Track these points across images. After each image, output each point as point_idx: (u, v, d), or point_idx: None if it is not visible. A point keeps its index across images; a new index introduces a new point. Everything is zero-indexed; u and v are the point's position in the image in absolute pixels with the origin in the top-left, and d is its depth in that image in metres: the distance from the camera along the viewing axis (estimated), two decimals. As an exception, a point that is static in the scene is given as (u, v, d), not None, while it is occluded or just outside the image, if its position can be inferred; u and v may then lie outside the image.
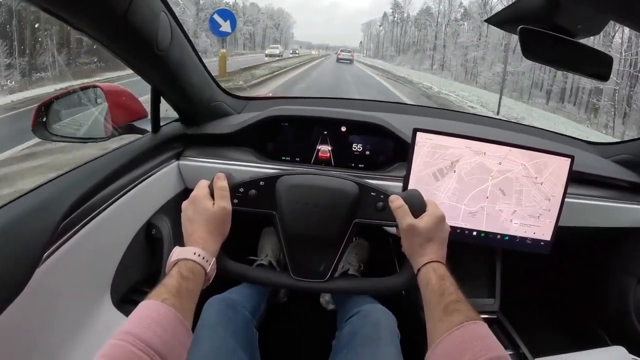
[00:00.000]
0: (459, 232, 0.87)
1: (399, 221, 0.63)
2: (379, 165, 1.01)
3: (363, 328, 0.80)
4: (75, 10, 0.55)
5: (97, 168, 0.73)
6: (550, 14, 0.69)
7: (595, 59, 0.74)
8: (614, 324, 1.14)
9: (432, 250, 0.61)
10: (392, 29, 61.67)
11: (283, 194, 0.67)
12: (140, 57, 0.74)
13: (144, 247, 0.88)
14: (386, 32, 64.06)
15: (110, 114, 0.94)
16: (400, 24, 59.08)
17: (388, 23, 63.76)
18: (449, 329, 0.49)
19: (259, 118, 0.99)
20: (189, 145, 1.02)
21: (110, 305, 0.75)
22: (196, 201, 0.62)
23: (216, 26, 8.98)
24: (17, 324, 0.54)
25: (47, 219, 0.58)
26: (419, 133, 0.85)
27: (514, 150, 0.85)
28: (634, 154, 1.13)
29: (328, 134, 1.00)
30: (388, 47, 62.30)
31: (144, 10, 0.64)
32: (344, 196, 0.67)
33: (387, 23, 64.31)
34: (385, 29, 64.32)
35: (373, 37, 71.48)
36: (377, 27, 69.09)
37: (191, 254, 0.56)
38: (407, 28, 56.76)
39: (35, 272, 0.55)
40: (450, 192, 0.86)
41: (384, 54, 62.55)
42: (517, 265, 1.09)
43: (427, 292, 0.57)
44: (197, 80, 0.93)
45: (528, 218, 0.87)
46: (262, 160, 0.99)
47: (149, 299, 0.49)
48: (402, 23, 58.56)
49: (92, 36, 0.62)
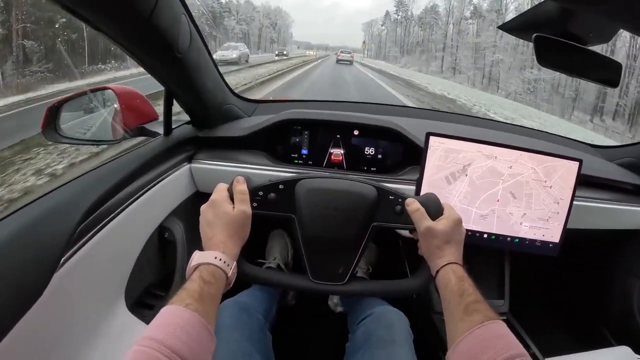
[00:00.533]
0: (470, 234, 0.88)
1: (416, 224, 0.64)
2: (390, 169, 1.02)
3: (377, 330, 0.81)
4: (100, 12, 0.55)
5: (112, 171, 0.74)
6: (564, 22, 0.70)
7: (606, 66, 0.76)
8: (619, 324, 1.16)
9: (450, 252, 0.62)
10: (395, 29, 57.20)
11: (302, 198, 0.67)
12: (160, 59, 0.74)
13: (157, 250, 0.88)
14: (389, 32, 59.69)
15: (121, 116, 0.94)
16: (403, 23, 54.75)
17: (391, 22, 59.24)
18: (470, 328, 0.51)
19: (273, 121, 0.99)
20: (201, 148, 1.02)
21: (124, 308, 0.75)
22: (216, 205, 0.62)
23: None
24: (36, 328, 0.54)
25: (63, 223, 0.58)
26: (432, 137, 0.86)
27: (524, 154, 0.86)
28: (638, 157, 1.15)
29: (341, 138, 1.00)
30: (391, 47, 57.77)
31: (167, 12, 0.64)
32: (363, 200, 0.68)
33: (389, 22, 59.79)
34: (388, 28, 60.06)
35: (374, 37, 66.53)
36: (379, 27, 64.36)
37: (212, 258, 0.56)
38: (411, 27, 52.29)
39: (53, 276, 0.55)
40: (462, 195, 0.87)
41: (387, 54, 58.12)
42: (525, 266, 1.10)
43: (446, 292, 0.58)
44: (211, 83, 0.94)
45: (537, 221, 0.88)
46: (274, 163, 1.00)
47: (172, 304, 0.49)
48: (406, 22, 53.94)
49: (113, 38, 0.62)
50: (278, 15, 71.92)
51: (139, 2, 0.57)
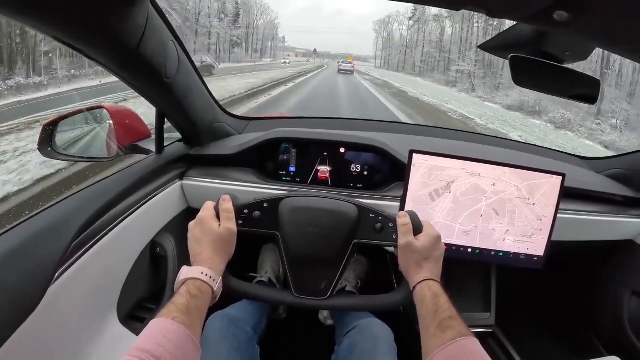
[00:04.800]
0: (454, 249, 0.90)
1: (399, 237, 0.67)
2: (376, 185, 1.04)
3: (362, 342, 0.83)
4: (90, 44, 0.58)
5: (106, 189, 0.76)
6: (539, 41, 0.72)
7: (583, 83, 0.77)
8: (609, 334, 1.16)
9: (428, 269, 0.64)
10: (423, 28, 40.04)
11: (286, 216, 0.70)
12: (149, 84, 0.77)
13: (148, 265, 0.90)
14: (420, 28, 41.83)
15: (115, 134, 0.97)
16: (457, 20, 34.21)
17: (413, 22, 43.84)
18: (442, 345, 0.53)
19: (262, 140, 1.01)
20: (192, 165, 1.04)
21: (116, 321, 0.77)
22: (203, 222, 0.65)
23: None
24: (30, 340, 0.56)
25: (58, 239, 0.61)
26: (415, 154, 0.87)
27: (508, 172, 0.87)
28: (625, 168, 1.16)
29: (327, 155, 1.02)
30: (413, 54, 41.56)
31: (155, 41, 0.67)
32: (344, 218, 0.70)
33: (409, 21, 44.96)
34: (410, 26, 43.88)
35: (385, 41, 51.28)
36: (405, 23, 47.13)
37: (199, 273, 0.59)
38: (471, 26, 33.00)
39: (48, 290, 0.57)
40: (446, 212, 0.88)
41: (404, 65, 43.10)
42: (512, 278, 1.11)
43: (422, 308, 0.61)
44: (201, 103, 0.96)
45: (520, 237, 0.89)
46: (262, 180, 1.02)
47: (160, 316, 0.52)
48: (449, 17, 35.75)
49: (102, 64, 0.64)
50: (263, 12, 53.44)
51: (127, 33, 0.60)
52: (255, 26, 51.77)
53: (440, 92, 23.44)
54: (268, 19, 55.68)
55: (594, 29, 0.51)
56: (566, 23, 0.46)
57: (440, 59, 36.46)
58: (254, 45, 52.40)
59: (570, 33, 0.69)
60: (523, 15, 0.51)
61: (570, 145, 12.00)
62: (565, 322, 1.34)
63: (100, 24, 0.54)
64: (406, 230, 0.67)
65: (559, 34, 0.70)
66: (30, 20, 0.48)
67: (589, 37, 0.63)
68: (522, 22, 0.59)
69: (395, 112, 11.96)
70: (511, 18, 0.55)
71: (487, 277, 1.07)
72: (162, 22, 0.70)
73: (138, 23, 0.60)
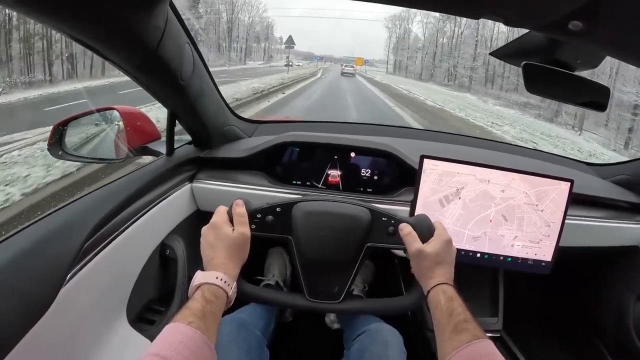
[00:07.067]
0: (463, 254, 0.90)
1: (408, 247, 0.67)
2: (386, 190, 1.04)
3: (372, 346, 0.83)
4: (110, 45, 0.58)
5: (117, 190, 0.76)
6: (552, 49, 0.72)
7: (594, 90, 0.78)
8: (614, 340, 1.16)
9: (441, 273, 0.64)
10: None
11: (299, 220, 0.70)
12: (164, 86, 0.77)
13: (158, 267, 0.90)
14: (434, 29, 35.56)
15: (125, 136, 0.97)
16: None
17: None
18: (458, 347, 0.53)
19: (272, 143, 1.01)
20: (202, 168, 1.04)
21: (125, 323, 0.77)
22: (216, 227, 0.65)
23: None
24: (43, 340, 0.56)
25: (70, 241, 0.61)
26: (426, 160, 0.88)
27: (516, 178, 0.88)
28: (631, 175, 1.16)
29: (337, 159, 1.03)
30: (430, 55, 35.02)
31: (173, 42, 0.67)
32: (357, 222, 0.70)
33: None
34: (429, 24, 36.30)
35: (398, 42, 43.12)
36: (414, 25, 40.19)
37: (214, 278, 0.59)
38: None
39: (60, 291, 0.57)
40: (455, 217, 0.89)
41: (432, 71, 35.38)
42: (520, 283, 1.11)
43: (436, 312, 0.61)
44: (212, 106, 0.96)
45: (529, 242, 0.90)
46: (273, 184, 1.02)
47: (176, 321, 0.51)
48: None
49: (119, 65, 0.65)
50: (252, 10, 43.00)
51: (147, 34, 0.60)
52: (232, 20, 40.03)
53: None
54: (254, 12, 44.04)
55: (608, 39, 0.51)
56: (581, 33, 0.47)
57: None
58: (233, 43, 41.24)
59: (584, 42, 0.70)
60: (539, 24, 0.51)
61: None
62: (571, 327, 1.34)
63: (121, 25, 0.54)
64: (412, 239, 0.67)
65: (571, 43, 0.70)
66: (53, 21, 0.49)
67: (602, 46, 0.64)
68: (537, 31, 0.60)
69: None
70: (527, 27, 0.56)
71: (495, 282, 1.07)
72: (179, 24, 0.71)
73: (158, 24, 0.60)
